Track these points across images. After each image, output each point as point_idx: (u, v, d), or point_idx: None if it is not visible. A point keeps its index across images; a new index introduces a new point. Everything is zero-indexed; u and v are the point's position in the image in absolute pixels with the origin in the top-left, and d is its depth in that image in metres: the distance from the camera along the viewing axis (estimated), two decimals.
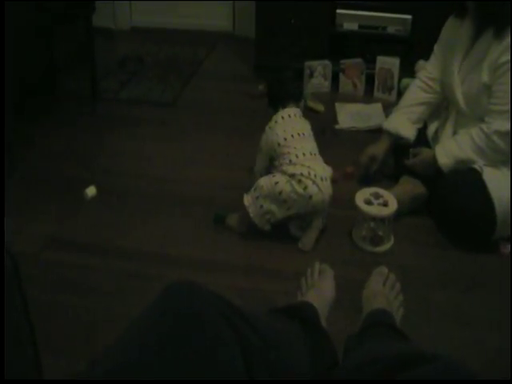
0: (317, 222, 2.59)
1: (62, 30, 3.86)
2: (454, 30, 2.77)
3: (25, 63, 3.29)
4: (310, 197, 2.49)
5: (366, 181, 2.93)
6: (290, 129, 2.63)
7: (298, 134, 2.62)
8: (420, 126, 2.94)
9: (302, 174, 2.48)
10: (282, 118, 2.69)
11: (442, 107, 2.94)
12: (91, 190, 2.85)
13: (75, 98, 3.76)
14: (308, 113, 3.53)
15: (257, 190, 2.55)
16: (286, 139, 2.60)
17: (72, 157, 3.18)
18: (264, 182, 2.54)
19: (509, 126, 2.51)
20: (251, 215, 2.55)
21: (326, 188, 2.53)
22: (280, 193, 2.49)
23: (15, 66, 3.00)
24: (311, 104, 3.65)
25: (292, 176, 2.50)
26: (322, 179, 2.51)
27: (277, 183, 2.51)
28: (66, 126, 3.48)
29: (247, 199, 2.56)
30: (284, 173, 2.53)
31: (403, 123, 2.91)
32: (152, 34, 4.84)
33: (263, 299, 2.32)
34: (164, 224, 2.71)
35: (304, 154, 2.55)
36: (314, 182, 2.48)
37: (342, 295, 2.30)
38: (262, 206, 2.53)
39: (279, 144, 2.60)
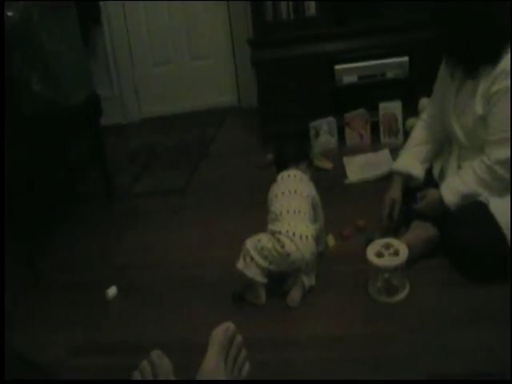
0: (302, 279, 2.61)
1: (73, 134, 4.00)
2: (448, 67, 2.79)
3: (40, 174, 3.42)
4: (288, 254, 2.55)
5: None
6: (283, 187, 2.77)
7: (289, 192, 2.73)
8: (427, 166, 2.93)
9: (280, 232, 2.57)
10: (282, 178, 2.84)
11: (444, 144, 2.94)
12: (112, 290, 2.89)
13: (91, 200, 3.85)
14: (317, 172, 3.56)
15: (243, 249, 2.63)
16: (276, 196, 2.74)
17: (91, 259, 3.24)
18: (248, 240, 2.65)
19: (508, 154, 2.50)
20: (248, 275, 2.61)
21: (305, 246, 2.56)
22: (262, 248, 2.59)
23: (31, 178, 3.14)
24: (318, 163, 3.67)
25: (273, 234, 2.59)
26: (301, 237, 2.56)
27: (259, 240, 2.61)
28: (83, 229, 3.55)
29: (240, 263, 2.63)
30: (268, 230, 2.64)
31: (412, 162, 2.91)
32: (162, 122, 4.97)
33: (289, 369, 2.30)
34: (185, 312, 2.71)
35: (288, 212, 2.64)
36: (292, 241, 2.55)
37: (365, 353, 2.31)
38: (252, 259, 2.60)
39: (271, 200, 2.74)
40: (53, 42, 3.43)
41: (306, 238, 2.58)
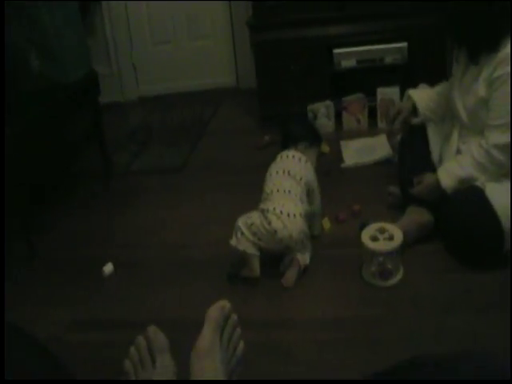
0: (297, 259, 2.65)
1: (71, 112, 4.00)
2: (454, 51, 2.82)
3: (38, 152, 3.42)
4: (275, 232, 2.58)
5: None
6: (278, 166, 2.81)
7: (283, 172, 2.76)
8: (428, 113, 2.99)
9: (268, 210, 2.61)
10: (281, 157, 2.88)
11: (444, 124, 2.96)
12: (108, 267, 2.91)
13: (89, 178, 3.87)
14: None
15: (235, 226, 2.67)
16: (271, 175, 2.79)
17: (88, 236, 3.26)
18: (240, 217, 2.69)
19: (506, 139, 2.52)
20: (240, 249, 2.64)
21: (293, 224, 2.59)
22: (251, 225, 2.63)
23: (29, 156, 3.16)
24: None
25: (262, 211, 2.64)
26: (288, 215, 2.59)
27: (250, 217, 2.66)
28: (81, 206, 3.58)
29: (232, 240, 2.67)
30: (259, 208, 2.69)
31: (422, 97, 2.98)
32: (160, 101, 4.99)
33: (283, 350, 2.32)
34: (181, 290, 2.74)
35: (278, 191, 2.69)
36: (278, 218, 2.58)
37: (358, 335, 2.34)
38: (242, 234, 2.64)
39: (265, 179, 2.79)
40: (52, 19, 3.44)
41: (294, 216, 2.60)
